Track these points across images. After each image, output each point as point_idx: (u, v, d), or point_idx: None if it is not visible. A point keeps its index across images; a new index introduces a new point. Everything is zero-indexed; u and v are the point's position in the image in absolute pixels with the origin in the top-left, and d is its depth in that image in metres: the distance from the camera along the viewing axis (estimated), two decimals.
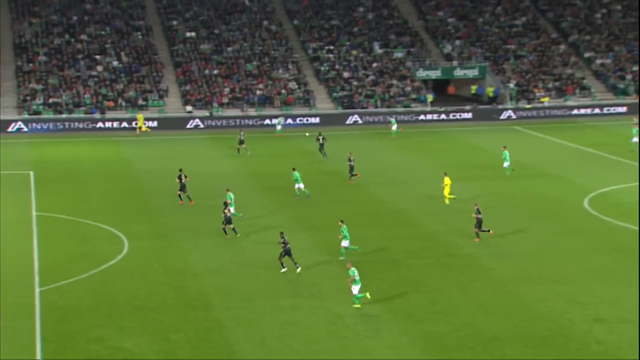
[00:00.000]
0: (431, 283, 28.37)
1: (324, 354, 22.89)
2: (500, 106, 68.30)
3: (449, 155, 51.86)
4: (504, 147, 45.74)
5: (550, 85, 70.38)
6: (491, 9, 77.82)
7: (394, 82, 69.10)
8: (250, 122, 62.93)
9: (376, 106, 66.85)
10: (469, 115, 66.80)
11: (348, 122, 64.47)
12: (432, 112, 66.30)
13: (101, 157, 50.80)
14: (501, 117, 66.87)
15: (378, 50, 72.06)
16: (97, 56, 66.29)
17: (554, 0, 78.92)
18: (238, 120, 62.77)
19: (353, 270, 26.18)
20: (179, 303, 26.20)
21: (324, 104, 66.98)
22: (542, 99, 68.88)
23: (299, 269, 29.01)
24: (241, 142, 51.24)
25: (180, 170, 38.30)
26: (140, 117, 58.84)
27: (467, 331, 24.30)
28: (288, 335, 24.03)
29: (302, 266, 29.65)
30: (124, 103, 62.91)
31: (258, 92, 66.13)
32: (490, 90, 70.00)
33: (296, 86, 67.37)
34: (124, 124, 60.39)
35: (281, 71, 68.59)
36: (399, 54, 71.69)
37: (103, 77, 64.66)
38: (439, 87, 72.02)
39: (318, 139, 50.53)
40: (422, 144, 55.98)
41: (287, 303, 26.29)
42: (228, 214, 32.85)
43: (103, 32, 68.94)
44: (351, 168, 43.19)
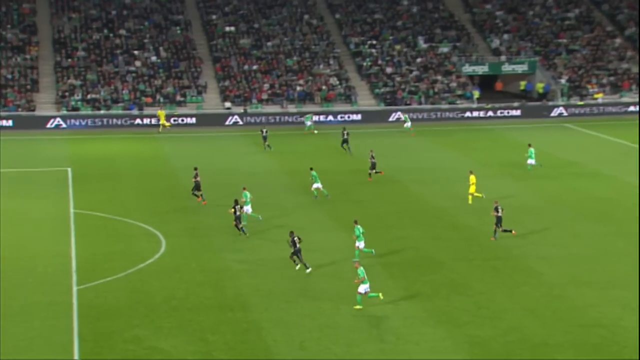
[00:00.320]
0: (476, 286, 28.15)
1: (365, 358, 22.86)
2: (550, 103, 67.37)
3: (496, 153, 51.35)
4: (530, 145, 45.59)
5: (604, 80, 69.14)
6: (542, 1, 76.77)
7: (439, 78, 68.64)
8: (289, 119, 63.16)
9: (420, 103, 66.47)
10: (518, 112, 66.04)
11: (390, 120, 64.25)
12: (479, 109, 65.71)
13: (139, 154, 51.53)
14: (552, 115, 65.97)
15: (422, 44, 71.64)
16: (136, 51, 67.22)
17: None
18: (277, 117, 63.06)
19: (362, 270, 26.25)
20: (217, 304, 26.44)
21: (366, 101, 66.87)
22: (596, 95, 67.70)
23: (309, 270, 29.09)
24: (265, 139, 51.83)
25: (195, 169, 38.62)
26: (161, 114, 59.24)
27: (514, 336, 24.05)
28: (328, 338, 24.07)
29: (343, 268, 29.67)
30: (162, 99, 63.68)
31: (298, 88, 66.31)
32: (540, 86, 69.08)
33: (337, 82, 67.37)
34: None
35: (322, 66, 68.66)
36: (445, 49, 71.18)
37: (141, 73, 65.55)
38: (486, 83, 71.36)
39: (342, 134, 51.37)
40: (468, 142, 55.51)
41: (327, 305, 26.32)
42: (237, 213, 33.08)
43: (142, 27, 69.88)
44: (373, 165, 43.51)
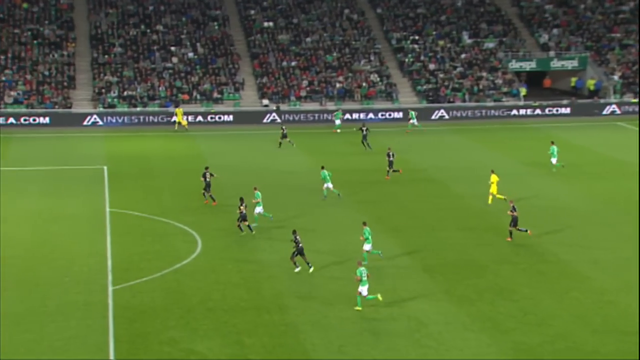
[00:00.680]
0: (522, 291, 27.87)
1: None
2: (602, 100, 66.32)
3: (542, 153, 50.73)
4: (552, 143, 45.44)
5: None
6: None
7: (484, 75, 68.04)
8: (328, 117, 63.18)
9: (464, 100, 66.01)
10: (567, 110, 65.18)
11: (433, 117, 63.90)
12: (526, 107, 65.04)
13: (175, 152, 52.05)
14: (603, 113, 64.96)
15: (467, 40, 71.10)
16: (173, 47, 67.91)
17: None
18: (317, 114, 63.14)
19: (361, 270, 26.21)
20: (253, 305, 26.58)
21: (408, 98, 66.59)
22: None
23: (312, 269, 29.21)
24: (284, 136, 52.15)
25: (206, 168, 38.85)
26: (179, 112, 59.58)
27: (563, 344, 23.74)
28: (367, 343, 24.03)
29: (382, 270, 29.62)
30: (199, 96, 64.24)
31: (337, 85, 66.31)
32: (591, 83, 68.04)
33: (378, 79, 67.21)
34: (199, 118, 61.68)
35: (362, 63, 68.56)
36: (490, 44, 70.53)
37: (178, 69, 66.20)
38: (534, 80, 70.57)
39: (361, 129, 51.92)
40: (514, 141, 54.98)
41: (367, 308, 26.28)
42: (244, 211, 33.21)
43: (179, 23, 70.57)
44: (390, 163, 43.52)
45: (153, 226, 34.73)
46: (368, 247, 30.45)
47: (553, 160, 44.82)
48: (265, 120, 62.49)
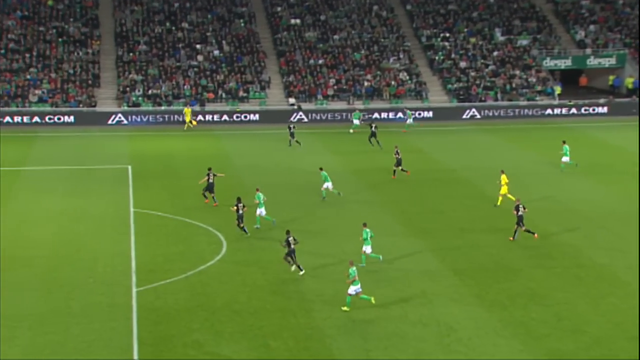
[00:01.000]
0: (556, 296, 27.66)
1: None
2: None
3: (578, 154, 50.29)
4: (564, 142, 45.34)
5: None
6: None
7: (517, 73, 67.60)
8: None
9: (496, 99, 65.62)
10: (604, 109, 64.53)
11: (464, 117, 63.62)
12: (561, 106, 64.54)
13: (200, 152, 52.35)
14: None
15: (500, 37, 70.67)
16: (198, 45, 68.32)
17: None
18: (344, 113, 63.13)
19: (353, 269, 26.28)
20: (279, 308, 26.67)
21: (438, 97, 66.36)
22: None
23: (302, 272, 29.21)
24: (292, 135, 52.30)
25: (209, 169, 38.98)
26: (187, 111, 59.69)
27: (599, 351, 23.53)
28: (395, 347, 24.00)
29: (411, 273, 29.56)
30: (224, 95, 64.56)
31: (366, 84, 66.27)
32: (629, 81, 67.28)
33: (407, 77, 67.05)
34: (225, 117, 61.97)
35: (391, 61, 68.45)
36: (524, 41, 70.04)
37: (203, 68, 66.59)
38: (569, 78, 69.98)
39: (370, 126, 52.61)
40: (548, 142, 54.50)
41: (395, 312, 26.26)
42: (240, 212, 33.32)
43: (204, 20, 70.98)
44: (398, 162, 43.56)
45: (177, 227, 34.96)
46: (367, 250, 30.53)
47: (564, 159, 44.99)
48: (292, 119, 62.60)
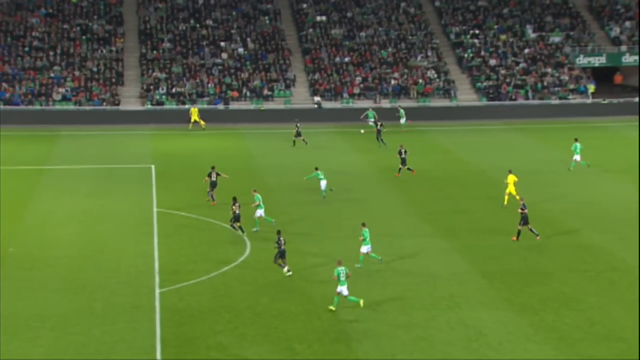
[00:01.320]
0: (589, 300, 27.45)
1: None
2: None
3: (612, 154, 49.86)
4: (576, 140, 45.16)
5: None
6: None
7: (549, 71, 67.13)
8: (383, 115, 62.95)
9: (527, 98, 65.20)
10: None
11: (494, 116, 63.20)
12: (594, 105, 63.91)
13: (223, 151, 52.56)
14: None
15: (531, 34, 70.20)
16: (222, 43, 68.60)
17: None
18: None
19: (339, 269, 26.41)
20: (304, 311, 26.70)
21: (466, 95, 66.06)
22: None
23: (290, 273, 29.44)
24: (298, 134, 52.31)
25: (212, 167, 39.16)
26: (194, 111, 59.71)
27: (634, 357, 23.30)
28: (422, 351, 23.95)
29: (438, 276, 29.47)
30: (249, 93, 64.76)
31: (392, 82, 66.14)
32: None
33: (435, 75, 66.83)
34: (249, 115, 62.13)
35: (419, 58, 68.24)
36: (556, 38, 69.52)
37: (228, 65, 66.84)
38: (603, 76, 69.33)
39: (376, 124, 53.05)
40: (581, 142, 53.98)
41: (421, 315, 26.20)
42: (237, 211, 33.52)
43: (229, 17, 71.24)
44: (403, 161, 43.54)
45: (201, 227, 35.12)
46: (365, 249, 30.49)
47: (576, 157, 44.79)
48: (317, 118, 62.56)
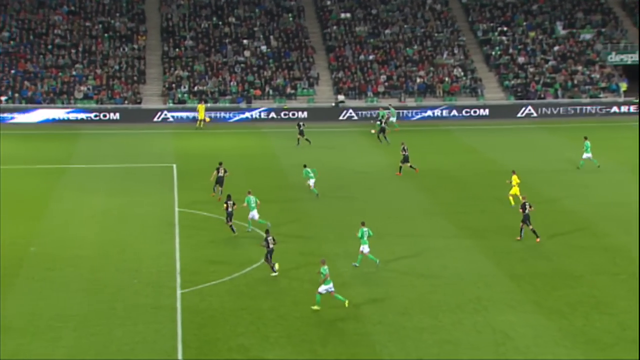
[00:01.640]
0: (620, 304, 27.22)
1: None
2: None
3: None
4: (585, 138, 45.08)
5: None
6: None
7: (579, 69, 66.61)
8: (409, 114, 62.93)
9: (556, 96, 64.73)
10: None
11: (520, 115, 62.90)
12: (626, 104, 63.43)
13: (246, 150, 52.72)
14: None
15: (561, 31, 69.70)
16: (245, 40, 68.80)
17: None
18: (396, 111, 62.79)
19: (325, 268, 26.56)
20: (327, 313, 26.68)
21: (494, 94, 65.73)
22: None
23: (276, 274, 29.62)
24: (301, 133, 52.42)
25: (219, 163, 39.78)
26: (201, 108, 59.79)
27: None
28: (448, 354, 23.88)
29: (464, 278, 29.35)
30: (272, 91, 64.89)
31: (418, 80, 65.95)
32: None
33: (462, 73, 66.55)
34: (272, 115, 62.28)
35: (445, 56, 68.00)
36: (587, 35, 68.97)
37: (250, 63, 67.03)
38: (636, 74, 68.57)
39: (380, 122, 53.76)
40: (612, 141, 53.63)
41: (447, 318, 26.10)
42: (230, 209, 33.71)
43: (252, 14, 71.42)
44: (405, 158, 43.78)
45: (223, 227, 35.21)
46: (365, 250, 30.42)
47: (586, 155, 44.76)
48: (341, 117, 62.62)
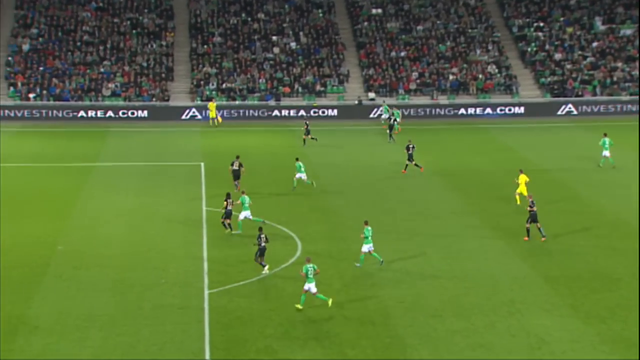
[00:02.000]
0: None
1: None
2: None
3: None
4: (605, 135, 44.81)
5: None
6: None
7: (619, 65, 65.85)
8: (441, 112, 62.66)
9: (594, 94, 64.04)
10: None
11: (559, 113, 62.35)
12: None
13: (275, 148, 52.83)
14: None
15: (600, 26, 68.99)
16: (274, 37, 68.95)
17: None
18: (428, 109, 62.68)
19: (308, 266, 26.60)
20: (356, 315, 26.66)
21: (529, 91, 65.23)
22: None
23: (266, 273, 29.75)
24: (307, 133, 52.47)
25: (237, 157, 40.45)
26: (212, 106, 59.84)
27: None
28: (481, 358, 23.70)
29: (498, 280, 29.15)
30: (301, 89, 64.95)
31: (451, 77, 65.65)
32: None
33: (496, 70, 66.11)
34: (301, 112, 62.34)
35: (479, 53, 67.60)
36: (627, 31, 68.19)
37: (279, 60, 67.16)
38: None
39: (389, 120, 54.29)
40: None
41: (480, 321, 25.95)
42: (229, 207, 34.10)
43: (281, 10, 71.56)
44: (410, 157, 43.68)
45: (251, 227, 35.32)
46: (366, 249, 30.39)
47: (605, 152, 44.46)
48: (371, 115, 62.52)
